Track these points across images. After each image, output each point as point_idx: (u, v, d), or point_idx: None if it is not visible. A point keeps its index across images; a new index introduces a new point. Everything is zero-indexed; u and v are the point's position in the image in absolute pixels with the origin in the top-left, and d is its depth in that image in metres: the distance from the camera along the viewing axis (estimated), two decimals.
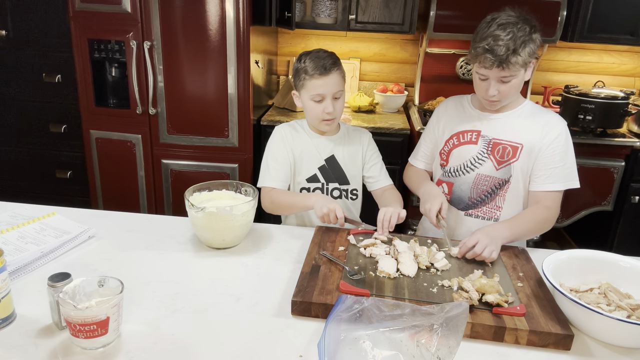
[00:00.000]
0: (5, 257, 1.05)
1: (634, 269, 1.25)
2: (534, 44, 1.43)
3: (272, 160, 1.64)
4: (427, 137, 1.75)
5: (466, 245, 1.34)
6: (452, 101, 1.72)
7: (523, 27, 1.41)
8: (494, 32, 1.41)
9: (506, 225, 1.46)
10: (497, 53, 1.39)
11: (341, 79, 1.58)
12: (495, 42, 1.40)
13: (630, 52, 3.17)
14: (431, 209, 1.49)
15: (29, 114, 3.00)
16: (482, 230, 1.40)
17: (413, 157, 1.80)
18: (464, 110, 1.65)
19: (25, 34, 2.84)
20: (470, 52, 1.48)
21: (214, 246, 1.43)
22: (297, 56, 1.61)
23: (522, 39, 1.40)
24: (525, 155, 1.54)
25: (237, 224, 1.40)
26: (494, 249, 1.33)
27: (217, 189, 1.54)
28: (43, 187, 3.14)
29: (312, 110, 1.59)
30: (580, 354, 1.06)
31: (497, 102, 1.52)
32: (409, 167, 1.81)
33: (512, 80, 1.46)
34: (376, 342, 0.93)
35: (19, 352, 0.98)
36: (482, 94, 1.52)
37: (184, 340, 1.03)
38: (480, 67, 1.47)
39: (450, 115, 1.67)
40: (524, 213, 1.56)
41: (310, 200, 1.53)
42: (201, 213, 1.36)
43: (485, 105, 1.57)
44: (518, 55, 1.40)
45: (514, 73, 1.44)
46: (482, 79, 1.49)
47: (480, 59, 1.44)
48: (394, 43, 3.29)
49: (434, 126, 1.72)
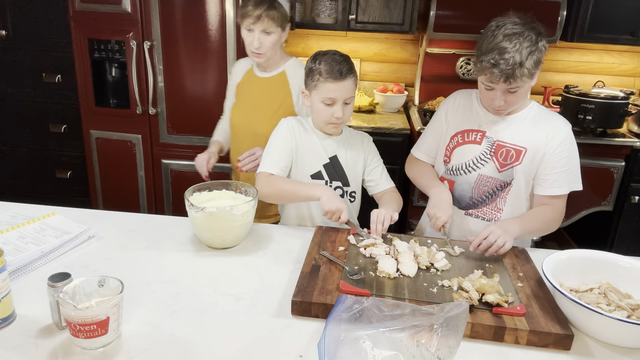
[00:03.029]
0: (5, 257, 1.05)
1: (634, 269, 1.25)
2: (539, 53, 1.40)
3: (276, 148, 1.63)
4: (433, 130, 1.73)
5: (480, 236, 1.36)
6: (461, 95, 1.69)
7: (529, 35, 1.38)
8: (499, 43, 1.38)
9: (516, 222, 1.47)
10: (503, 68, 1.37)
11: (354, 85, 1.57)
12: (501, 56, 1.37)
13: (630, 52, 3.17)
14: (440, 219, 1.50)
15: (29, 114, 3.00)
16: (495, 223, 1.44)
17: (417, 150, 1.77)
18: (472, 108, 1.63)
19: (25, 34, 2.84)
20: (476, 65, 1.46)
21: (214, 246, 1.43)
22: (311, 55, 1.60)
23: (528, 49, 1.37)
24: (528, 159, 1.54)
25: (237, 224, 1.39)
26: (507, 239, 1.36)
27: (217, 189, 1.54)
28: (43, 187, 3.14)
29: (320, 113, 1.58)
30: (580, 354, 1.06)
31: (503, 111, 1.52)
32: (412, 159, 1.79)
33: (519, 90, 1.44)
34: (376, 342, 0.93)
35: (19, 352, 0.98)
36: (488, 103, 1.52)
37: (184, 340, 1.03)
38: (487, 79, 1.45)
39: (458, 111, 1.65)
40: (532, 212, 1.57)
41: (317, 191, 1.50)
42: (201, 213, 1.36)
43: (491, 112, 1.56)
44: (524, 68, 1.37)
45: (521, 84, 1.42)
46: (487, 89, 1.48)
47: (487, 73, 1.41)
48: (394, 43, 3.28)
49: (440, 119, 1.70)
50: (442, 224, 1.50)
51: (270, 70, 1.92)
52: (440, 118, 1.70)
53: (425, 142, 1.76)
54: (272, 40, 1.79)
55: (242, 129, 1.98)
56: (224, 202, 1.49)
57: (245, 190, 1.53)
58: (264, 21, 1.74)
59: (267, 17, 1.74)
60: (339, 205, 1.45)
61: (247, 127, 1.95)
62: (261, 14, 1.73)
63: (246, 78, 1.98)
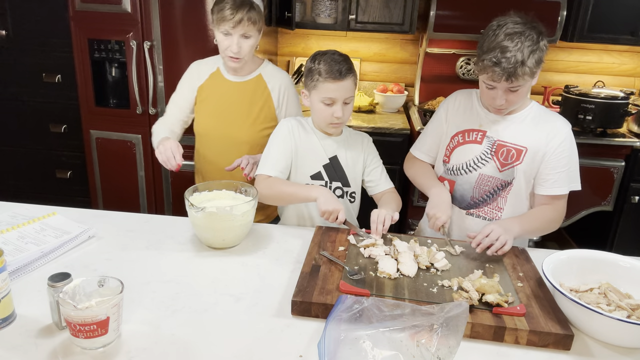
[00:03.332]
0: (5, 257, 1.05)
1: (634, 269, 1.25)
2: (541, 52, 1.41)
3: (275, 150, 1.63)
4: (433, 130, 1.73)
5: (482, 233, 1.38)
6: (461, 95, 1.69)
7: (530, 35, 1.38)
8: (501, 42, 1.38)
9: (516, 221, 1.48)
10: (505, 67, 1.37)
11: (354, 85, 1.57)
12: (502, 54, 1.37)
13: (630, 52, 3.17)
14: (439, 219, 1.50)
15: (29, 114, 3.00)
16: (495, 222, 1.45)
17: (417, 149, 1.77)
18: (473, 107, 1.63)
19: (25, 34, 2.84)
20: (478, 64, 1.46)
21: (214, 246, 1.43)
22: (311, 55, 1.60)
23: (529, 48, 1.37)
24: (529, 158, 1.54)
25: (237, 224, 1.39)
26: (508, 238, 1.37)
27: (217, 189, 1.54)
28: (43, 187, 3.14)
29: (320, 112, 1.58)
30: (580, 354, 1.06)
31: (504, 110, 1.53)
32: (412, 158, 1.79)
33: (520, 89, 1.45)
34: (376, 342, 0.93)
35: (19, 352, 0.98)
36: (490, 102, 1.52)
37: (184, 340, 1.03)
38: (488, 78, 1.45)
39: (458, 111, 1.65)
40: (533, 212, 1.58)
41: (314, 192, 1.52)
42: (201, 213, 1.35)
43: (492, 111, 1.57)
44: (526, 67, 1.37)
45: (522, 83, 1.42)
46: (489, 88, 1.48)
47: (488, 71, 1.41)
48: (394, 43, 3.28)
49: (441, 119, 1.70)
50: (442, 224, 1.50)
51: (244, 74, 1.84)
52: (441, 118, 1.70)
53: (425, 142, 1.76)
54: (251, 44, 1.72)
55: (216, 136, 1.87)
56: (223, 202, 1.49)
57: (245, 190, 1.53)
58: (245, 25, 1.66)
59: (249, 20, 1.66)
60: (335, 206, 1.45)
61: (223, 134, 1.85)
62: (242, 18, 1.65)
63: (213, 81, 1.86)
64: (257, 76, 1.85)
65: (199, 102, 1.88)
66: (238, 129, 1.83)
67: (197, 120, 1.91)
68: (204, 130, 1.90)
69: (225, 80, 1.85)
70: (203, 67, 1.89)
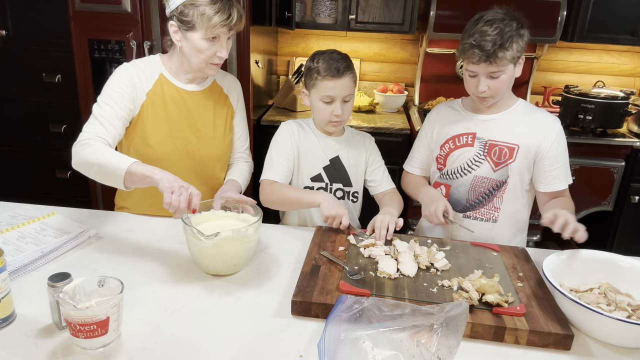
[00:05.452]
0: (5, 257, 1.05)
1: (634, 269, 1.25)
2: (522, 40, 1.45)
3: (277, 155, 1.63)
4: (420, 144, 1.74)
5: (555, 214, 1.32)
6: (442, 106, 1.72)
7: (510, 23, 1.43)
8: (481, 28, 1.43)
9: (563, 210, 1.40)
10: (484, 48, 1.41)
11: (353, 83, 1.58)
12: (482, 37, 1.42)
13: (630, 52, 3.17)
14: (437, 209, 1.50)
15: (29, 114, 2.99)
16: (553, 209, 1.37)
17: (408, 164, 1.79)
18: (457, 113, 1.65)
19: (25, 34, 2.84)
20: (458, 49, 1.50)
21: (222, 274, 1.27)
22: (310, 55, 1.60)
23: (509, 34, 1.41)
24: (522, 155, 1.55)
25: (250, 245, 1.27)
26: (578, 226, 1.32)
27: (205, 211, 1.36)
28: (43, 187, 3.13)
29: (320, 111, 1.59)
30: (580, 354, 1.06)
31: (488, 99, 1.53)
32: (405, 174, 1.80)
33: (502, 76, 1.47)
34: (376, 342, 0.93)
35: (19, 352, 0.98)
36: (473, 90, 1.53)
37: (184, 340, 1.03)
38: (469, 63, 1.48)
39: (444, 120, 1.67)
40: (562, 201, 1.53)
41: (318, 197, 1.52)
42: (214, 240, 1.18)
43: (476, 102, 1.57)
44: (505, 50, 1.41)
45: (502, 68, 1.45)
46: (471, 76, 1.51)
47: (468, 54, 1.45)
48: (394, 43, 3.29)
49: (426, 133, 1.72)
50: (442, 212, 1.50)
51: (200, 82, 1.61)
52: (427, 131, 1.72)
53: (415, 157, 1.77)
54: (230, 44, 1.53)
55: (173, 152, 1.58)
56: (224, 222, 1.36)
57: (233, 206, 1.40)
58: (237, 26, 1.49)
59: (240, 21, 1.48)
60: (338, 211, 1.45)
61: (181, 150, 1.59)
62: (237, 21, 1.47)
63: (159, 89, 1.55)
64: (212, 84, 1.65)
65: (144, 116, 1.54)
66: (202, 146, 1.61)
67: (147, 141, 1.56)
68: (160, 153, 1.56)
69: (179, 90, 1.57)
70: (143, 70, 1.56)
